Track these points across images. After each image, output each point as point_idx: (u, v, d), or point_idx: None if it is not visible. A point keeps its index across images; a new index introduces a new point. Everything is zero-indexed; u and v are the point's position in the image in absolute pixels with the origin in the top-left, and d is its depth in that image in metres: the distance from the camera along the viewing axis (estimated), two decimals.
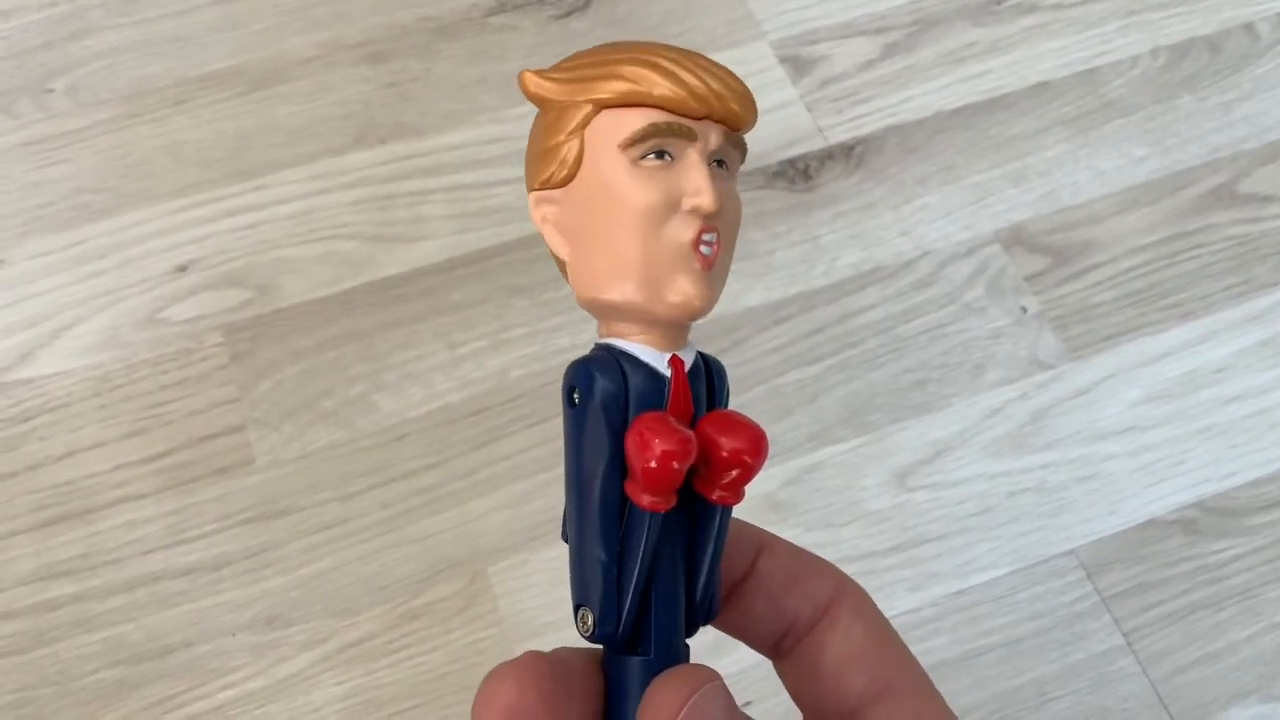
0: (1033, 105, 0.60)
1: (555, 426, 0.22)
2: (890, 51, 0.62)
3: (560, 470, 0.22)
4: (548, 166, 0.21)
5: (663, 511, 0.20)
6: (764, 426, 0.49)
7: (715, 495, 0.21)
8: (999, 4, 0.63)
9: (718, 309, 0.23)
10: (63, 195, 0.56)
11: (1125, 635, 0.47)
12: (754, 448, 0.20)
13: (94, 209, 0.56)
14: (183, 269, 0.54)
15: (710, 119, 0.20)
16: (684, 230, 0.20)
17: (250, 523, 0.48)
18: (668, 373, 0.21)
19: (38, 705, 0.45)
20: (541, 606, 0.47)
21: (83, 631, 0.46)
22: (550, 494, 0.49)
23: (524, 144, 0.23)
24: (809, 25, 0.63)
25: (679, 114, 0.20)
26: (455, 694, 0.45)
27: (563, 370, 0.22)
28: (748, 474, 0.20)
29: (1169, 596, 0.47)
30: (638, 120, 0.20)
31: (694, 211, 0.20)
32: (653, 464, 0.20)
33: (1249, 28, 0.63)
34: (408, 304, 0.54)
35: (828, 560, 0.25)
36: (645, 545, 0.21)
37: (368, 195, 0.57)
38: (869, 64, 0.61)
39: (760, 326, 0.53)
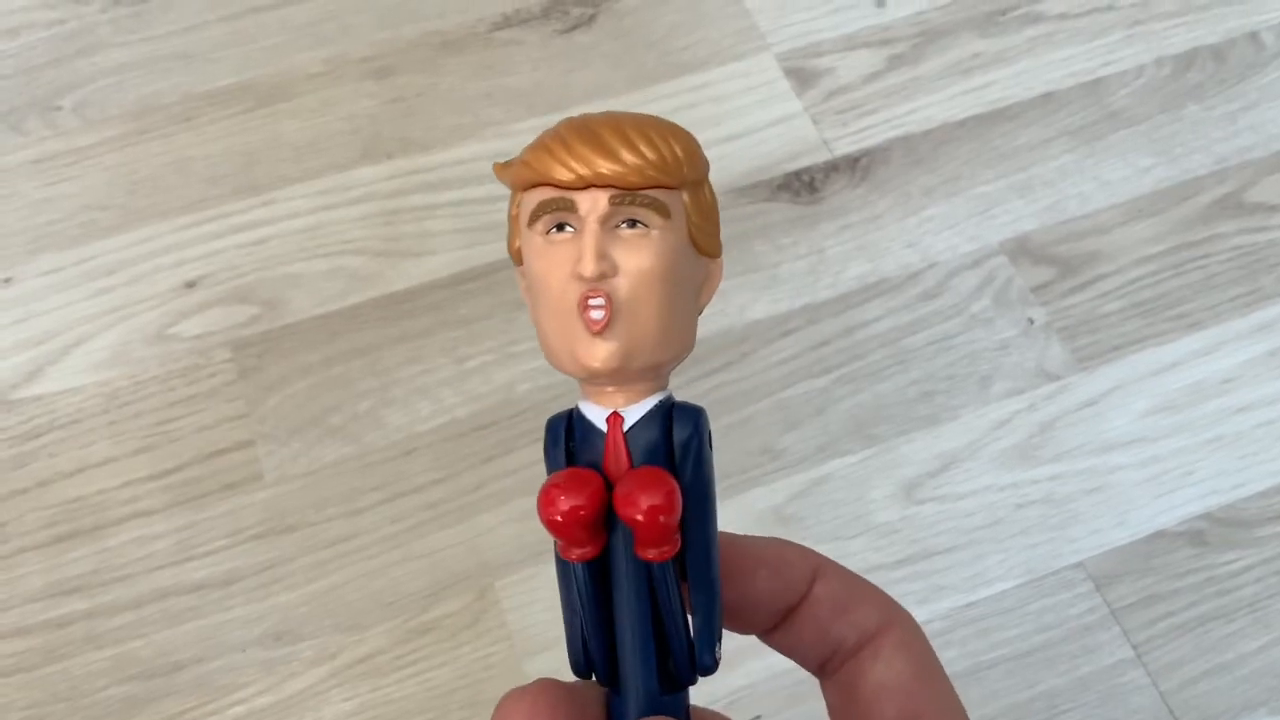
0: (1038, 116, 0.60)
1: None
2: (895, 63, 0.62)
3: None
4: (510, 246, 0.23)
5: (585, 561, 0.22)
6: (771, 439, 0.49)
7: (650, 555, 0.21)
8: (1003, 15, 0.63)
9: (724, 323, 0.23)
10: (71, 212, 0.57)
11: (1135, 647, 0.47)
12: (667, 504, 0.21)
13: (102, 226, 0.56)
14: (191, 285, 0.55)
15: (594, 186, 0.22)
16: (574, 295, 0.21)
17: (259, 538, 0.49)
18: (604, 428, 0.22)
19: None
20: (550, 621, 0.47)
21: (93, 648, 0.46)
22: None
23: None
24: (814, 38, 0.63)
25: (564, 187, 0.22)
26: (463, 709, 0.45)
27: (568, 385, 0.22)
28: (665, 530, 0.21)
29: (1178, 608, 0.47)
30: (532, 200, 0.22)
31: (578, 277, 0.21)
32: (558, 517, 0.21)
33: (1254, 37, 0.63)
34: (415, 319, 0.54)
35: (880, 589, 0.25)
36: (580, 592, 0.22)
37: (374, 210, 0.57)
38: (874, 76, 0.61)
39: (766, 339, 0.53)
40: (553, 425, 0.23)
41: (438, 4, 0.63)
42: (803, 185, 0.58)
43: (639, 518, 0.21)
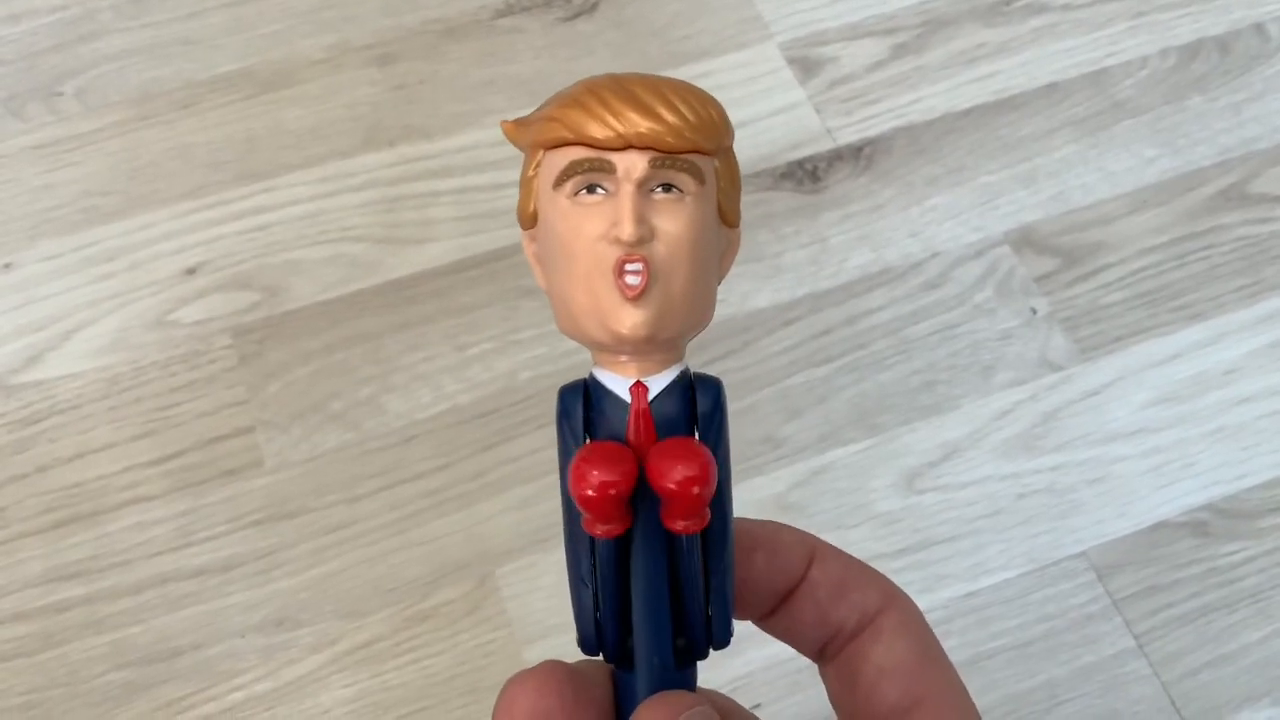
0: (1042, 106, 0.60)
1: None
2: (899, 52, 0.62)
3: None
4: (523, 208, 0.22)
5: (611, 538, 0.21)
6: (773, 428, 0.49)
7: (679, 526, 0.21)
8: (1008, 5, 0.63)
9: (726, 311, 0.23)
10: (72, 198, 0.57)
11: (1136, 637, 0.46)
12: (703, 475, 0.20)
13: (103, 211, 0.56)
14: (191, 271, 0.55)
15: (634, 149, 0.21)
16: (610, 260, 0.21)
17: (259, 525, 0.48)
18: (628, 399, 0.21)
19: (47, 707, 0.45)
20: (550, 609, 0.47)
21: (92, 633, 0.46)
22: (558, 496, 0.49)
23: None
24: (817, 26, 0.62)
25: (600, 148, 0.21)
26: (462, 696, 0.45)
27: (570, 373, 0.22)
28: (699, 502, 0.20)
29: (1180, 599, 0.47)
30: (561, 160, 0.21)
31: (615, 241, 0.21)
32: (589, 492, 0.20)
33: (1259, 28, 0.62)
34: (416, 306, 0.54)
35: (879, 571, 0.25)
36: (601, 568, 0.21)
37: (376, 197, 0.57)
38: (878, 65, 0.61)
39: (769, 328, 0.53)
40: (566, 394, 0.22)
41: None
42: (806, 174, 0.57)
43: (674, 488, 0.20)
